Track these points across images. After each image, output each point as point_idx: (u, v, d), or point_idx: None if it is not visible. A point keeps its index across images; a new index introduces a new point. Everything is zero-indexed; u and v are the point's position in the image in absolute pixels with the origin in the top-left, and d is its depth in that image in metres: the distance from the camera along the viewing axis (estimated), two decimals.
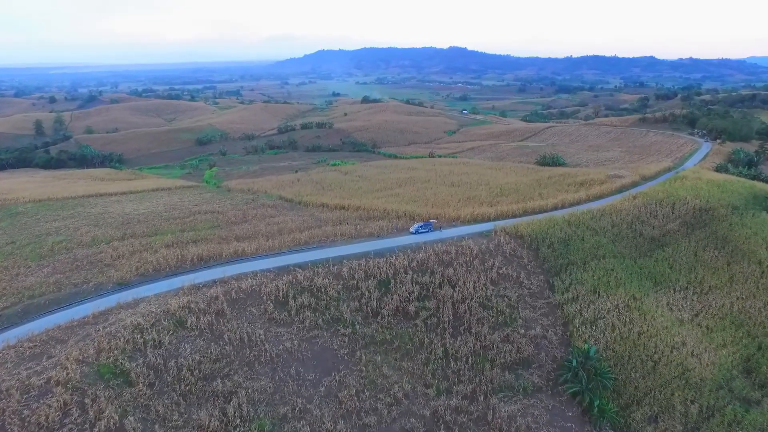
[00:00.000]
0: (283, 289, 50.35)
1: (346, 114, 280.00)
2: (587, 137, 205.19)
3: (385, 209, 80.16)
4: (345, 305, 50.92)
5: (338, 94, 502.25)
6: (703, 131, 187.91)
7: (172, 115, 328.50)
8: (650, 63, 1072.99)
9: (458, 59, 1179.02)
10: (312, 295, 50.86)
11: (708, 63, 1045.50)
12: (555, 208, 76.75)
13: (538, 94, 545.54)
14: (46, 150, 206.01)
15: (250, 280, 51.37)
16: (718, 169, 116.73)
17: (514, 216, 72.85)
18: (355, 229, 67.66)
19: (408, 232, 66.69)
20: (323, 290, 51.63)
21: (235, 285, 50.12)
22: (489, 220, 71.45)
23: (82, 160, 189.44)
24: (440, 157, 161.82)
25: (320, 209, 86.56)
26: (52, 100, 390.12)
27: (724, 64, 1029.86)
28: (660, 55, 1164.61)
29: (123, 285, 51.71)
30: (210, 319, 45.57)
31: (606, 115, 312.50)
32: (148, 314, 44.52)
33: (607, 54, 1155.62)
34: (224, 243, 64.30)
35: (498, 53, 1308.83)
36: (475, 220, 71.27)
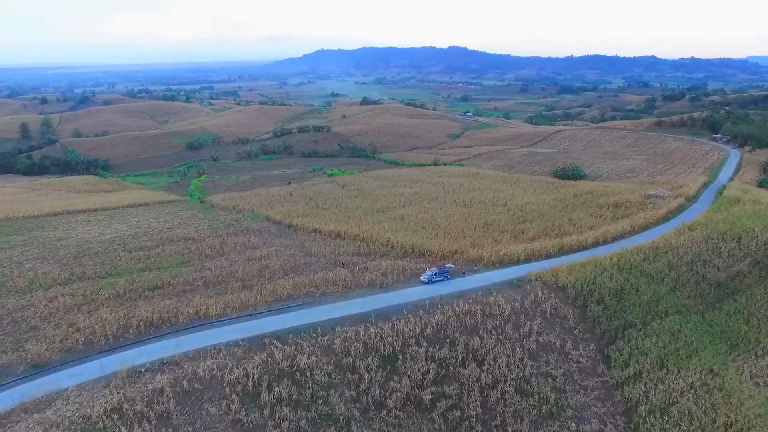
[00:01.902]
0: (253, 376, 37.17)
1: (344, 116, 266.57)
2: (601, 142, 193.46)
3: (388, 240, 67.17)
4: (338, 395, 37.81)
5: (337, 95, 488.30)
6: (727, 137, 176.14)
7: (164, 117, 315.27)
8: (651, 62, 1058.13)
9: (458, 59, 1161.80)
10: (293, 383, 37.66)
11: (709, 63, 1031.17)
12: (596, 243, 63.11)
13: (541, 94, 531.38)
14: (29, 155, 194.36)
15: (209, 361, 38.12)
16: (762, 183, 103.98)
17: (548, 256, 59.29)
18: (352, 275, 54.19)
19: (419, 280, 53.36)
20: (308, 374, 38.44)
21: (189, 370, 36.91)
22: (518, 261, 57.89)
23: (66, 166, 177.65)
24: (446, 165, 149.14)
25: (312, 236, 74.24)
26: (44, 101, 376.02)
27: (725, 63, 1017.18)
28: (661, 54, 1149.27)
29: (39, 367, 38.33)
30: (149, 427, 32.58)
31: (613, 117, 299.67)
32: (58, 425, 31.49)
33: (608, 53, 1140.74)
34: (187, 293, 50.96)
35: (498, 53, 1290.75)
36: (501, 262, 57.62)
